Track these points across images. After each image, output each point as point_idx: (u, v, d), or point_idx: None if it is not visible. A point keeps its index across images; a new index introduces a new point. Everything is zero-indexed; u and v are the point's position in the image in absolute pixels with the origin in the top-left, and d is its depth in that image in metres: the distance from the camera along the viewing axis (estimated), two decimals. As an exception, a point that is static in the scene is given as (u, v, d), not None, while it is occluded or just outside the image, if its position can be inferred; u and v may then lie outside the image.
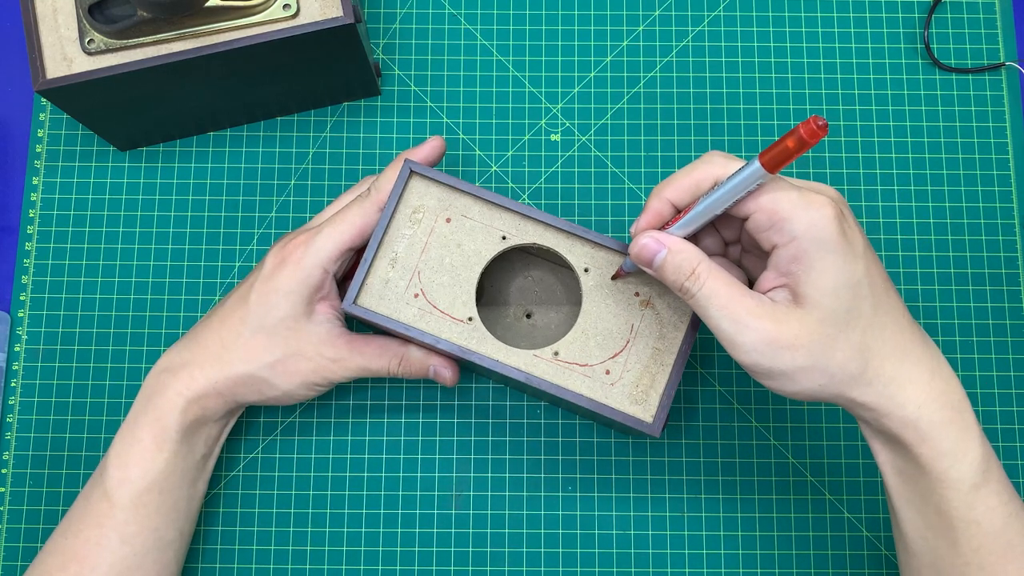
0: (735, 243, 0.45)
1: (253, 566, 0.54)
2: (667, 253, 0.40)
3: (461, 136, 0.59)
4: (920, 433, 0.39)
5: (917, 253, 0.58)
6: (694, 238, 0.43)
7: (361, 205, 0.47)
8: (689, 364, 0.56)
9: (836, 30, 0.60)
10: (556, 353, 0.46)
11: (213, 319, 0.49)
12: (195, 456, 0.49)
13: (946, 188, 0.59)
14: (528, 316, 0.54)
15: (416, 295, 0.47)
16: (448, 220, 0.47)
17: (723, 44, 0.60)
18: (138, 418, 0.47)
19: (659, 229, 0.42)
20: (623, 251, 0.47)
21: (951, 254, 0.58)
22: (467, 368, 0.53)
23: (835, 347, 0.38)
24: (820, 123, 0.34)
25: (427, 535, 0.54)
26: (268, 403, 0.49)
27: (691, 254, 0.40)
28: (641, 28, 0.61)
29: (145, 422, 0.47)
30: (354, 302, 0.46)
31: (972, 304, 0.57)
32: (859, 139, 0.59)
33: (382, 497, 0.55)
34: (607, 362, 0.46)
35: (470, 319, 0.47)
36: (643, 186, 0.58)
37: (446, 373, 0.50)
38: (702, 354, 0.56)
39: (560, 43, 0.60)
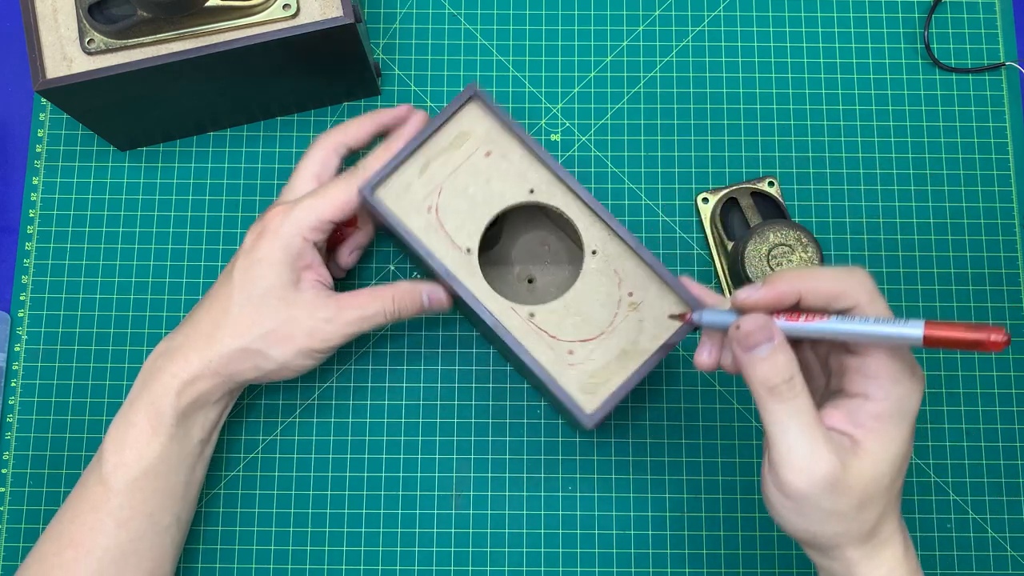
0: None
1: (253, 566, 0.54)
2: (773, 349, 0.38)
3: (461, 136, 0.59)
4: None
5: (917, 253, 0.58)
6: None
7: (347, 181, 0.47)
8: (688, 364, 0.56)
9: (836, 30, 0.60)
10: (532, 315, 0.46)
11: (204, 300, 0.49)
12: (192, 440, 0.48)
13: (946, 188, 0.59)
14: (530, 281, 0.54)
15: (429, 208, 0.47)
16: (488, 154, 0.47)
17: (723, 44, 0.60)
18: (134, 402, 0.47)
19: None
20: (645, 257, 0.46)
21: (951, 254, 0.58)
22: (457, 323, 0.53)
23: (869, 504, 0.38)
24: (1006, 339, 0.33)
25: (427, 535, 0.54)
26: (267, 379, 0.48)
27: (793, 359, 0.38)
28: (641, 28, 0.61)
29: (140, 406, 0.47)
30: (372, 192, 0.47)
31: (972, 304, 0.57)
32: (859, 139, 0.59)
33: (382, 497, 0.55)
34: (576, 343, 0.46)
35: (468, 250, 0.47)
36: (643, 186, 0.58)
37: (440, 295, 0.49)
38: (702, 354, 0.56)
39: (560, 43, 0.60)
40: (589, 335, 0.46)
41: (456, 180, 0.47)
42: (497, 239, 0.55)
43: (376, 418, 0.56)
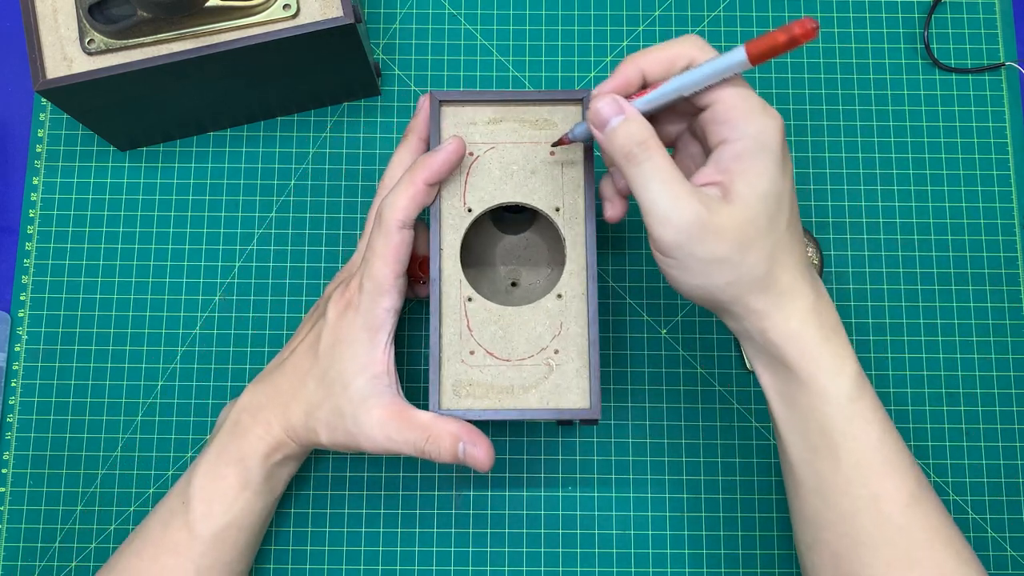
0: (670, 144, 0.46)
1: (253, 566, 0.54)
2: (624, 119, 0.40)
3: (461, 136, 0.59)
4: (801, 347, 0.41)
5: (917, 253, 0.58)
6: None
7: (380, 234, 0.45)
8: (688, 364, 0.56)
9: (836, 30, 0.60)
10: (470, 299, 0.46)
11: (287, 366, 0.48)
12: (274, 495, 0.49)
13: (946, 188, 0.59)
14: (513, 284, 0.54)
15: (471, 153, 0.47)
16: (552, 153, 0.47)
17: (723, 44, 0.60)
18: (221, 455, 0.47)
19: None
20: (591, 334, 0.46)
21: (951, 254, 0.58)
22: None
23: (751, 247, 0.40)
24: (813, 24, 0.36)
25: (427, 535, 0.54)
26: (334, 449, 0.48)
27: (646, 125, 0.40)
28: (641, 28, 0.61)
29: (229, 460, 0.47)
30: (440, 104, 0.47)
31: (972, 304, 0.57)
32: (859, 139, 0.59)
33: (382, 497, 0.55)
34: (480, 349, 0.46)
35: (470, 210, 0.47)
36: (643, 186, 0.58)
37: (477, 454, 0.45)
38: (702, 354, 0.56)
39: (560, 43, 0.60)
40: (497, 352, 0.46)
41: (508, 151, 0.47)
42: (523, 227, 0.54)
43: (376, 418, 0.56)
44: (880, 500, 0.41)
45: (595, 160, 0.48)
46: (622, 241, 0.58)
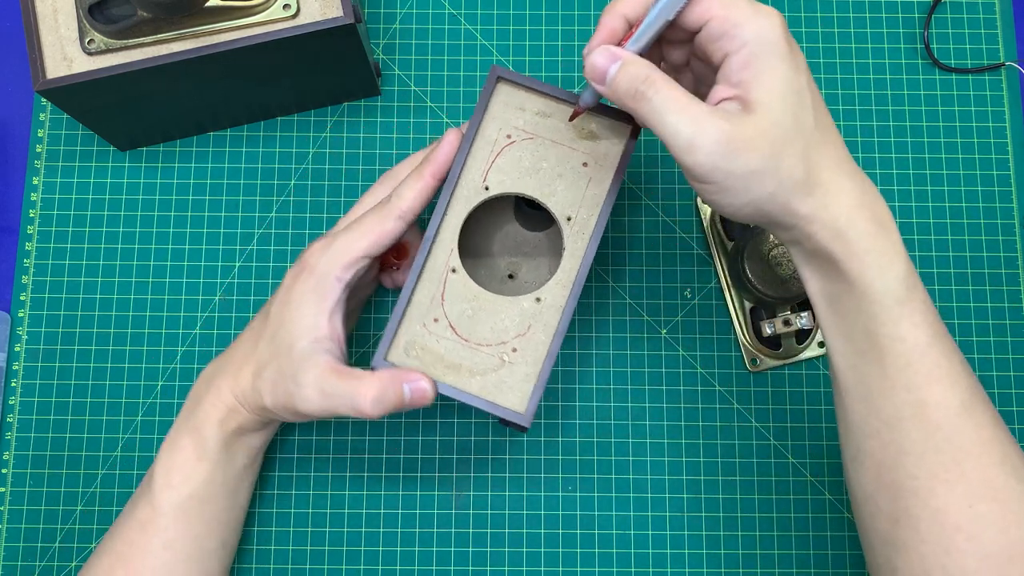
0: (683, 71, 0.45)
1: (253, 566, 0.54)
2: (621, 64, 0.40)
3: (461, 136, 0.59)
4: (848, 245, 0.39)
5: (917, 253, 0.58)
6: None
7: (379, 213, 0.46)
8: (688, 364, 0.56)
9: (836, 30, 0.60)
10: (453, 270, 0.46)
11: (243, 332, 0.49)
12: (236, 466, 0.49)
13: (946, 188, 0.59)
14: (511, 276, 0.54)
15: (508, 136, 0.47)
16: (584, 164, 0.47)
17: (723, 44, 0.60)
18: (181, 426, 0.48)
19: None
20: (553, 346, 0.45)
21: (951, 254, 0.58)
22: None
23: (784, 152, 0.38)
24: None
25: (427, 535, 0.54)
26: (278, 420, 0.48)
27: (645, 63, 0.40)
28: (641, 28, 0.60)
29: (186, 430, 0.47)
30: (496, 83, 0.47)
31: (972, 304, 0.57)
32: (859, 139, 0.59)
33: (382, 497, 0.55)
34: (444, 321, 0.46)
35: (487, 188, 0.47)
36: (643, 186, 0.58)
37: (422, 385, 0.44)
38: (702, 354, 0.56)
39: (560, 43, 0.60)
40: (459, 329, 0.46)
41: (544, 147, 0.47)
42: (542, 227, 0.54)
43: (376, 418, 0.56)
44: (927, 406, 0.39)
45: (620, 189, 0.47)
46: (622, 241, 0.58)
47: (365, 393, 0.43)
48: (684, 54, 0.44)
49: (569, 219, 0.47)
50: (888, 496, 0.41)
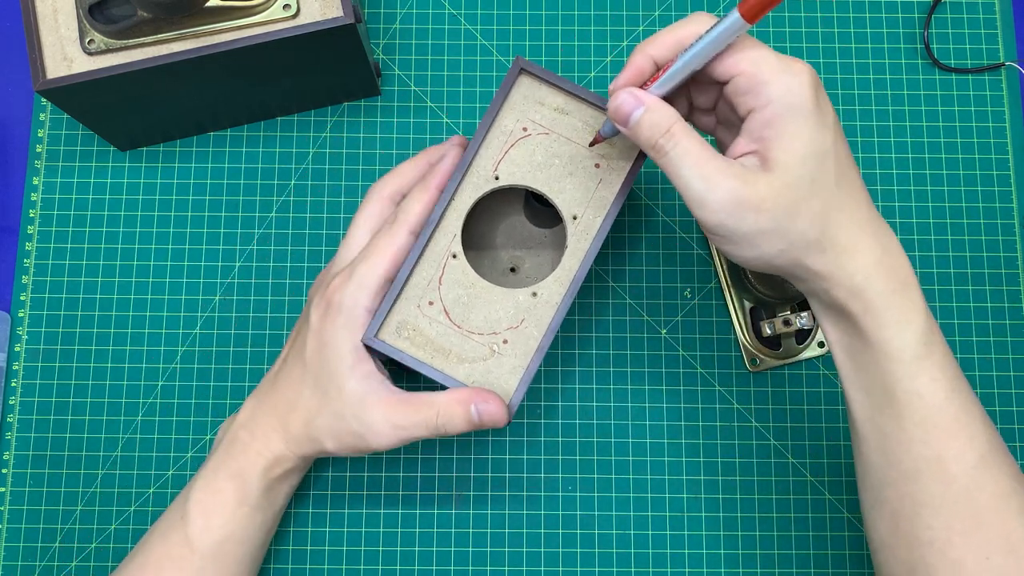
0: (709, 112, 0.45)
1: (253, 566, 0.54)
2: (644, 110, 0.40)
3: (461, 136, 0.59)
4: (865, 302, 0.39)
5: (917, 253, 0.58)
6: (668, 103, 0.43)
7: (390, 233, 0.46)
8: (688, 364, 0.56)
9: (836, 30, 0.60)
10: (454, 255, 0.46)
11: (280, 378, 0.48)
12: (275, 508, 0.49)
13: (946, 188, 0.59)
14: (512, 270, 0.54)
15: (524, 129, 0.47)
16: (597, 165, 0.47)
17: (723, 44, 0.60)
18: (219, 470, 0.47)
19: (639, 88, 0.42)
20: (544, 342, 0.45)
21: (951, 254, 0.58)
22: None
23: (797, 213, 0.39)
24: None
25: (427, 535, 0.54)
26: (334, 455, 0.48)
27: (668, 112, 0.40)
28: (641, 28, 0.61)
29: (227, 475, 0.47)
30: (522, 70, 0.46)
31: (972, 304, 0.57)
32: (859, 139, 0.59)
33: (382, 497, 0.55)
34: (438, 304, 0.46)
35: (497, 178, 0.47)
36: (643, 187, 0.58)
37: (491, 408, 0.44)
38: (702, 354, 0.56)
39: (560, 43, 0.60)
40: (452, 314, 0.46)
41: (558, 144, 0.47)
42: (551, 223, 0.54)
43: (376, 418, 0.56)
44: (945, 460, 0.40)
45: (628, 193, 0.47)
46: (622, 241, 0.58)
47: (452, 416, 0.44)
48: (711, 98, 0.44)
49: (575, 218, 0.47)
50: (905, 545, 0.41)
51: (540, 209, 0.51)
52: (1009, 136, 0.59)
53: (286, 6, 0.49)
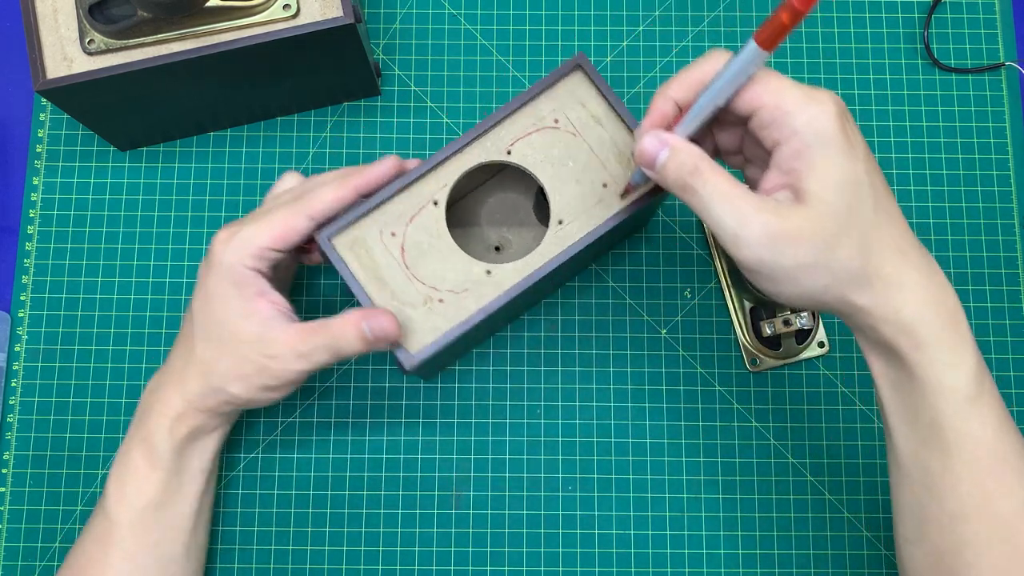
0: (736, 154, 0.44)
1: (253, 566, 0.54)
2: (670, 151, 0.39)
3: (461, 136, 0.59)
4: (916, 340, 0.38)
5: (917, 253, 0.58)
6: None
7: (290, 208, 0.45)
8: (688, 364, 0.56)
9: (836, 30, 0.60)
10: (436, 202, 0.46)
11: (179, 335, 0.49)
12: (191, 471, 0.48)
13: (946, 188, 0.59)
14: (497, 249, 0.54)
15: (540, 124, 0.47)
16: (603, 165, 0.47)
17: (723, 44, 0.60)
18: (130, 440, 0.48)
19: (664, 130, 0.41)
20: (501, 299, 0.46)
21: (951, 254, 0.58)
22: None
23: (838, 244, 0.38)
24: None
25: (427, 535, 0.54)
26: (247, 407, 0.48)
27: (694, 151, 0.39)
28: (641, 28, 0.61)
29: (135, 443, 0.47)
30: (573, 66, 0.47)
31: (972, 304, 0.57)
32: (859, 139, 0.59)
33: (382, 497, 0.55)
34: (400, 261, 0.46)
35: (509, 152, 0.47)
36: (643, 186, 0.58)
37: (383, 323, 0.44)
38: (702, 354, 0.56)
39: (560, 43, 0.60)
40: (407, 254, 0.46)
41: (580, 150, 0.47)
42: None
43: (376, 418, 0.56)
44: (992, 501, 0.39)
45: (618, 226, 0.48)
46: (622, 241, 0.58)
47: (345, 334, 0.44)
48: (736, 138, 0.44)
49: (560, 222, 0.47)
50: None
51: (547, 206, 0.52)
52: (1009, 136, 0.59)
53: (286, 6, 0.49)
